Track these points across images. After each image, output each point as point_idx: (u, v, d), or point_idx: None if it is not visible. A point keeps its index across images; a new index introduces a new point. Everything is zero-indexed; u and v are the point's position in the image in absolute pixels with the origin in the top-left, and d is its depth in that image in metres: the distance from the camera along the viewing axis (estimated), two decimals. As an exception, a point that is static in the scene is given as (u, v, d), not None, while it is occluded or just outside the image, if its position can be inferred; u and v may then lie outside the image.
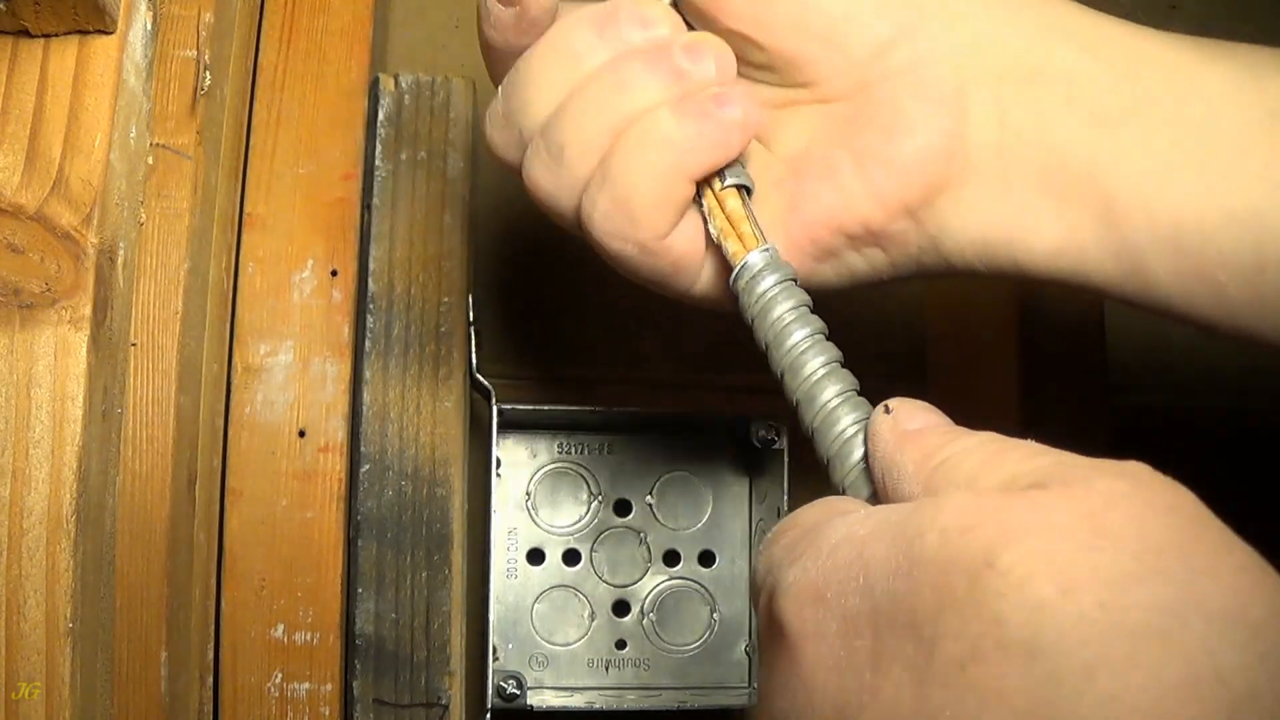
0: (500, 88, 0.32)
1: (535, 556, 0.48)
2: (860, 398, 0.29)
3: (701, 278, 0.32)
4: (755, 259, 0.30)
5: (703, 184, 0.30)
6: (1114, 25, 0.31)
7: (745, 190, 0.30)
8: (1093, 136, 0.30)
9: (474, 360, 0.44)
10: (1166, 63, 0.30)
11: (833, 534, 0.24)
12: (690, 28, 0.31)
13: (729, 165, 0.30)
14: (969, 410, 0.54)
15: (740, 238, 0.30)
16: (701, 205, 0.30)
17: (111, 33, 0.34)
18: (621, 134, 0.29)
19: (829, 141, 0.31)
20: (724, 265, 0.31)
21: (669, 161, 0.29)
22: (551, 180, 0.30)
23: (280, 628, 0.40)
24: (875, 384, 0.59)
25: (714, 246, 0.31)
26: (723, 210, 0.30)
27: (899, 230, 0.31)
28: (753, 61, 0.31)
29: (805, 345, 0.29)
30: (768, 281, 0.29)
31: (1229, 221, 0.29)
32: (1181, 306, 0.30)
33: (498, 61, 0.32)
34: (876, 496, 0.27)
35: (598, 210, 0.30)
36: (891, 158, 0.30)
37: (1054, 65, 0.30)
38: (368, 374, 0.43)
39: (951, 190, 0.30)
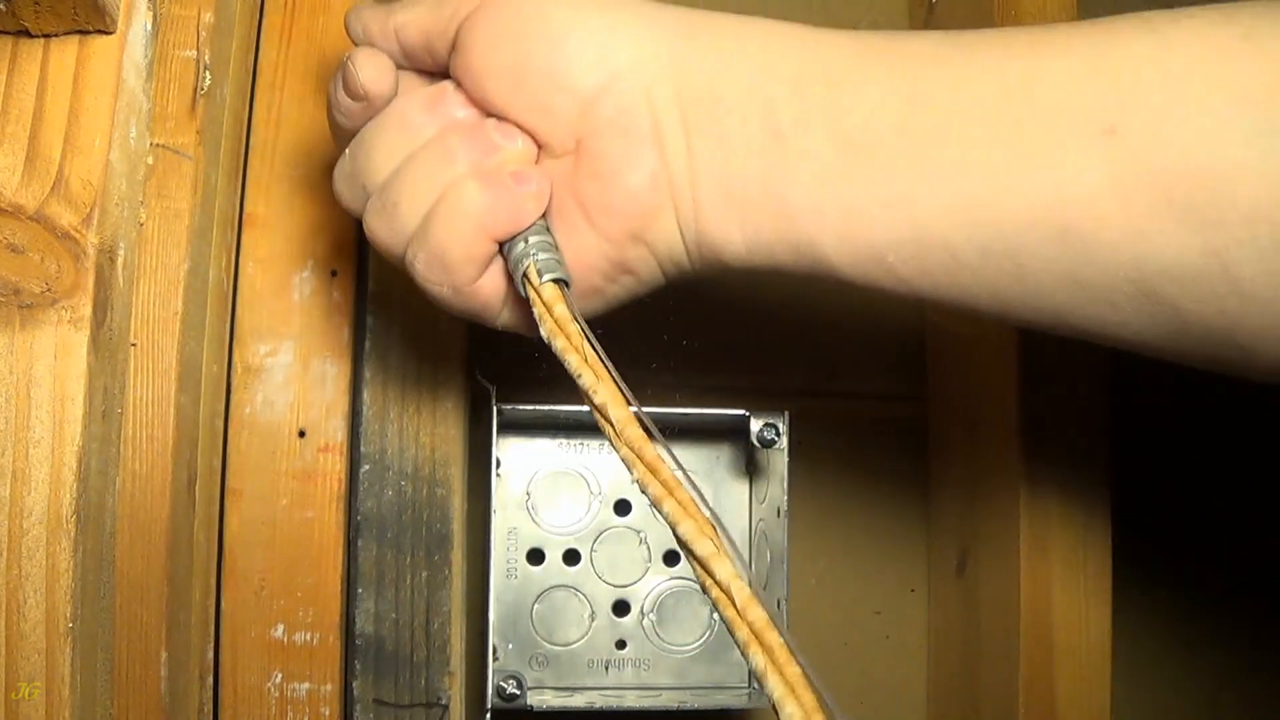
0: (348, 150, 0.37)
1: (535, 556, 0.48)
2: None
3: (503, 315, 0.37)
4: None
5: (526, 282, 0.34)
6: (791, 41, 0.34)
7: (563, 283, 0.34)
8: (764, 150, 0.33)
9: (474, 360, 0.44)
10: (830, 74, 0.33)
11: None
12: None
13: (550, 263, 0.34)
14: (969, 410, 0.54)
15: (568, 336, 0.33)
16: (527, 296, 0.34)
17: (111, 33, 0.34)
18: (440, 198, 0.34)
19: (564, 195, 0.36)
20: (520, 305, 0.36)
21: (473, 225, 0.34)
22: (386, 231, 0.35)
23: (280, 628, 0.40)
24: (875, 383, 0.59)
25: (513, 291, 0.36)
26: (551, 315, 0.33)
27: (635, 255, 0.36)
28: None
29: None
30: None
31: (889, 209, 0.32)
32: (862, 284, 0.34)
33: (341, 136, 0.37)
34: None
35: (419, 260, 0.35)
36: (609, 203, 0.35)
37: (731, 92, 0.34)
38: (368, 374, 0.43)
39: (662, 214, 0.35)
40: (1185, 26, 0.30)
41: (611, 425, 0.31)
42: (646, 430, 0.31)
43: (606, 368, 0.32)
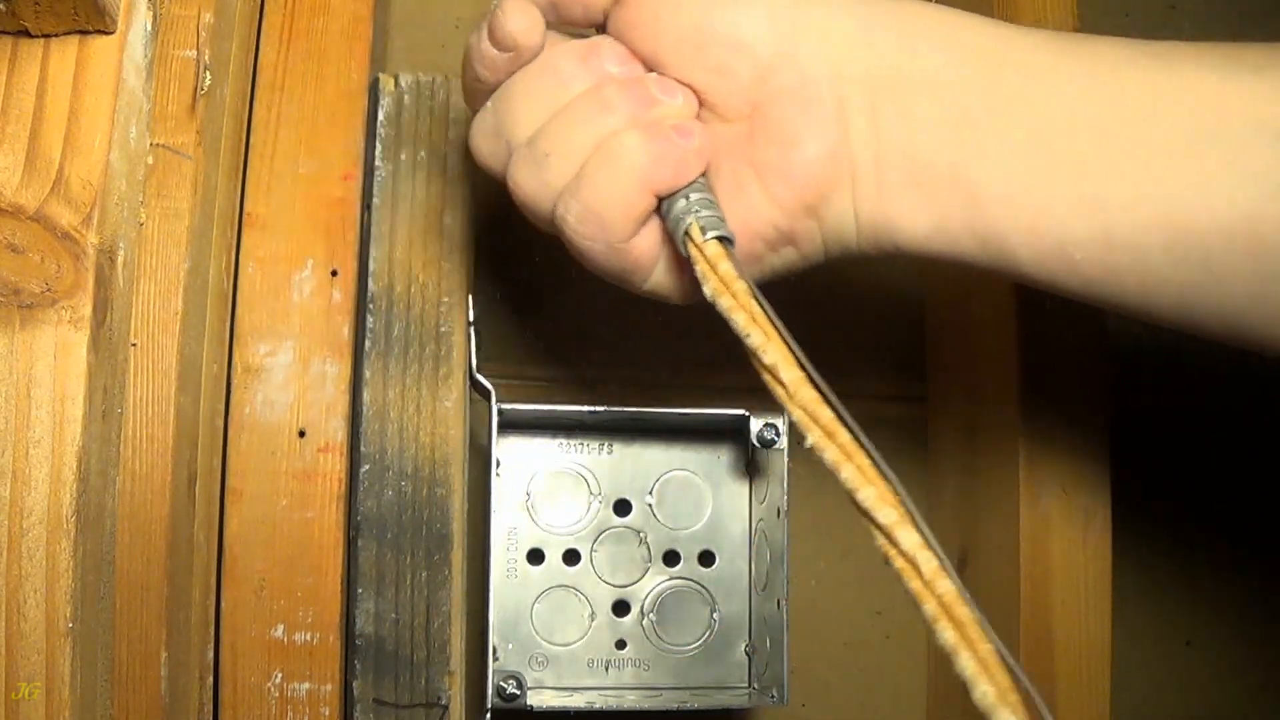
0: (489, 103, 0.36)
1: (535, 556, 0.48)
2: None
3: (654, 276, 0.36)
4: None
5: (688, 239, 0.33)
6: (977, 28, 0.34)
7: (727, 241, 0.33)
8: (956, 136, 0.33)
9: (474, 360, 0.44)
10: (1025, 64, 0.33)
11: None
12: None
13: (713, 220, 0.33)
14: (969, 409, 0.54)
15: (734, 295, 0.32)
16: (691, 261, 0.33)
17: (111, 33, 0.34)
18: (597, 149, 0.34)
19: (734, 159, 0.35)
20: (676, 265, 0.36)
21: (635, 178, 0.33)
22: (534, 185, 0.35)
23: (280, 628, 0.40)
24: (875, 383, 0.59)
25: (668, 249, 0.35)
26: (715, 273, 0.32)
27: (804, 228, 0.35)
28: None
29: None
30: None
31: (1080, 206, 0.32)
32: (1044, 281, 0.34)
33: (479, 93, 0.37)
34: None
35: (572, 213, 0.34)
36: (786, 170, 0.34)
37: (920, 73, 0.34)
38: (368, 374, 0.43)
39: (840, 189, 0.35)
40: None
41: (784, 387, 0.29)
42: (820, 393, 0.29)
43: (776, 327, 0.31)
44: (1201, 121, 0.32)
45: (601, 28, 0.37)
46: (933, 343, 0.58)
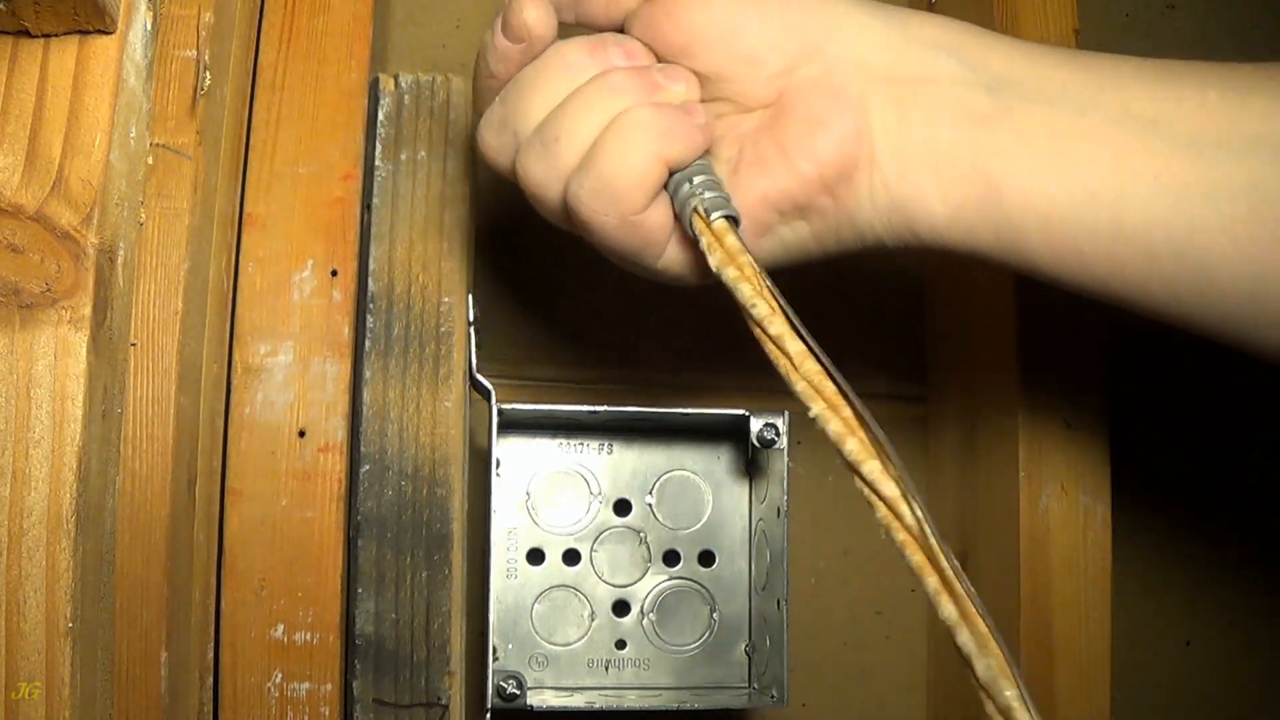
0: (499, 97, 0.37)
1: (535, 556, 0.48)
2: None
3: (667, 253, 0.37)
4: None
5: (695, 216, 0.34)
6: (992, 46, 0.37)
7: (733, 220, 0.34)
8: (974, 132, 0.35)
9: (474, 360, 0.44)
10: (1041, 70, 0.36)
11: None
12: None
13: (718, 200, 0.34)
14: (969, 408, 0.54)
15: (740, 267, 0.32)
16: (698, 238, 0.34)
17: (111, 33, 0.34)
18: (608, 127, 0.35)
19: (757, 138, 0.37)
20: (688, 246, 0.37)
21: (648, 147, 0.35)
22: (543, 170, 0.36)
23: (280, 628, 0.40)
24: (875, 384, 0.59)
25: (679, 230, 0.36)
26: (722, 245, 0.33)
27: (820, 205, 0.37)
28: None
29: None
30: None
31: (1091, 201, 0.34)
32: (1054, 273, 0.36)
33: (489, 90, 0.38)
34: None
35: (584, 190, 0.35)
36: (811, 147, 0.36)
37: (940, 75, 0.36)
38: (368, 374, 0.43)
39: (860, 171, 0.36)
40: None
41: (788, 358, 0.30)
42: (824, 367, 0.30)
43: (779, 301, 0.32)
44: (1206, 134, 0.34)
45: (620, 29, 0.38)
46: (933, 343, 0.58)
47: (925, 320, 0.59)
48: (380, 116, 0.46)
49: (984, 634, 0.26)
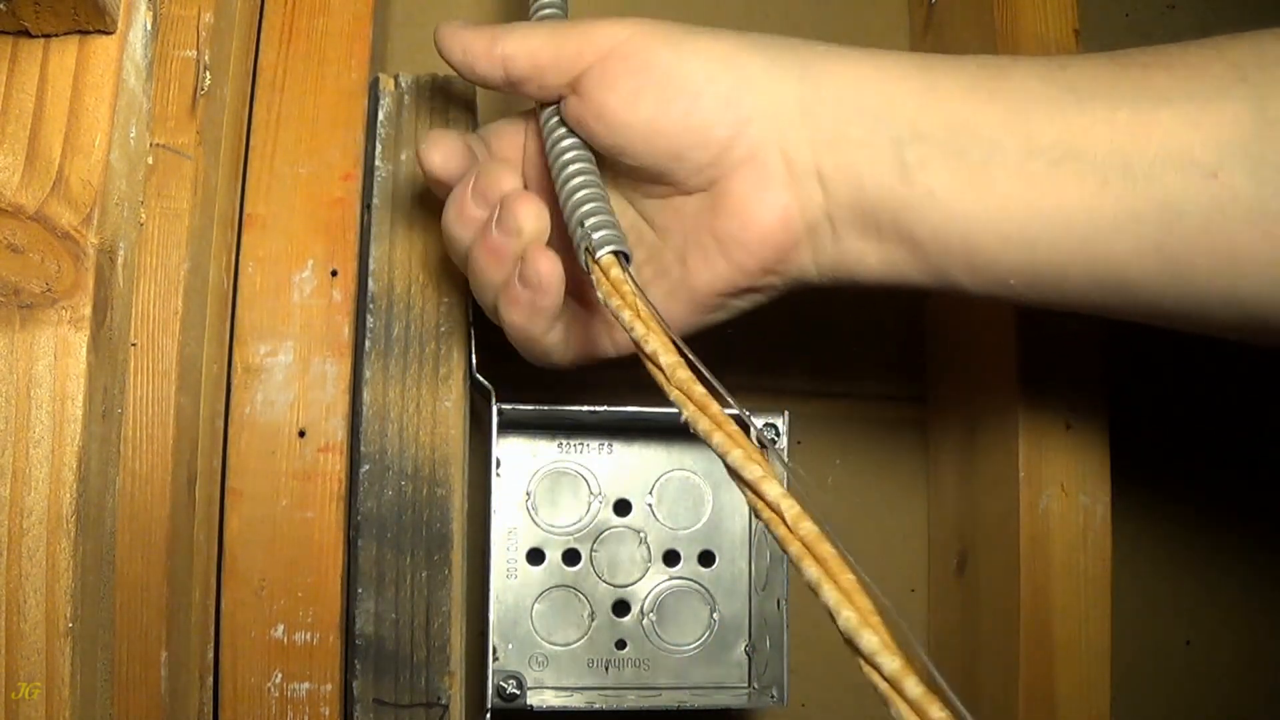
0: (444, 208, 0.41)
1: (535, 556, 0.48)
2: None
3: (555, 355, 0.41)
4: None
5: (586, 256, 0.36)
6: (904, 81, 0.37)
7: (621, 255, 0.35)
8: (893, 187, 0.36)
9: (474, 360, 0.44)
10: (948, 115, 0.36)
11: None
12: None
13: (608, 238, 0.36)
14: (969, 409, 0.54)
15: (622, 296, 0.34)
16: (587, 269, 0.36)
17: (111, 33, 0.34)
18: (496, 295, 0.39)
19: (698, 228, 0.39)
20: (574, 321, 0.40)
21: (521, 324, 0.39)
22: (474, 287, 0.41)
23: (280, 628, 0.40)
24: (874, 385, 0.59)
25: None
26: (607, 278, 0.35)
27: (767, 282, 0.39)
28: (626, 169, 0.39)
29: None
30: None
31: (1004, 244, 0.36)
32: (988, 299, 0.39)
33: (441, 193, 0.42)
34: None
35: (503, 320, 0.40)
36: (746, 241, 0.38)
37: (856, 133, 0.37)
38: (368, 374, 0.43)
39: (798, 249, 0.38)
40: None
41: (662, 371, 0.33)
42: (694, 370, 0.32)
43: (658, 319, 0.34)
44: (1112, 158, 0.34)
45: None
46: (933, 343, 0.58)
47: (925, 321, 0.59)
48: (380, 116, 0.46)
49: (848, 588, 0.28)
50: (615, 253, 0.35)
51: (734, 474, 0.30)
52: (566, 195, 0.37)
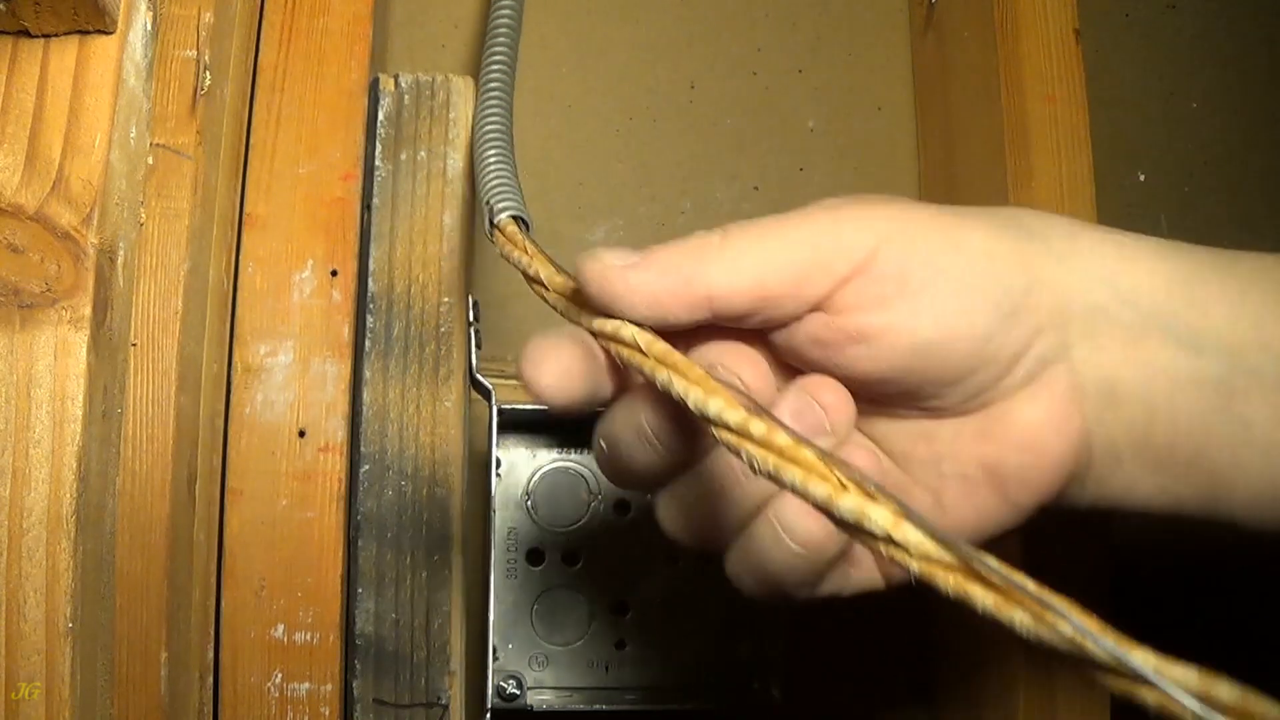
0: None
1: (535, 556, 0.48)
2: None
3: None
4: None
5: (494, 230, 0.36)
6: (1200, 283, 0.30)
7: (521, 221, 0.36)
8: (1204, 413, 0.30)
9: (474, 360, 0.44)
10: (1266, 332, 0.30)
11: None
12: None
13: (504, 203, 0.37)
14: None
15: (530, 255, 0.34)
16: (492, 238, 0.36)
17: (111, 33, 0.34)
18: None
19: (960, 459, 0.31)
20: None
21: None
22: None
23: (280, 628, 0.40)
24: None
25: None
26: (512, 243, 0.35)
27: (1029, 517, 0.32)
28: (862, 390, 0.31)
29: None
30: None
31: None
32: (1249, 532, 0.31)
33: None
34: None
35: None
36: (1030, 475, 0.30)
37: (1154, 345, 0.30)
38: (368, 374, 0.43)
39: (1074, 484, 0.31)
40: None
41: (572, 304, 0.31)
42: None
43: (554, 264, 0.33)
44: None
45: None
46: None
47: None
48: (380, 116, 0.46)
49: (847, 480, 0.24)
50: (515, 218, 0.36)
51: (680, 400, 0.26)
52: (481, 176, 0.39)
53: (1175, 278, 0.30)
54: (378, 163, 0.45)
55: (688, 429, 0.30)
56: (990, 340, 0.29)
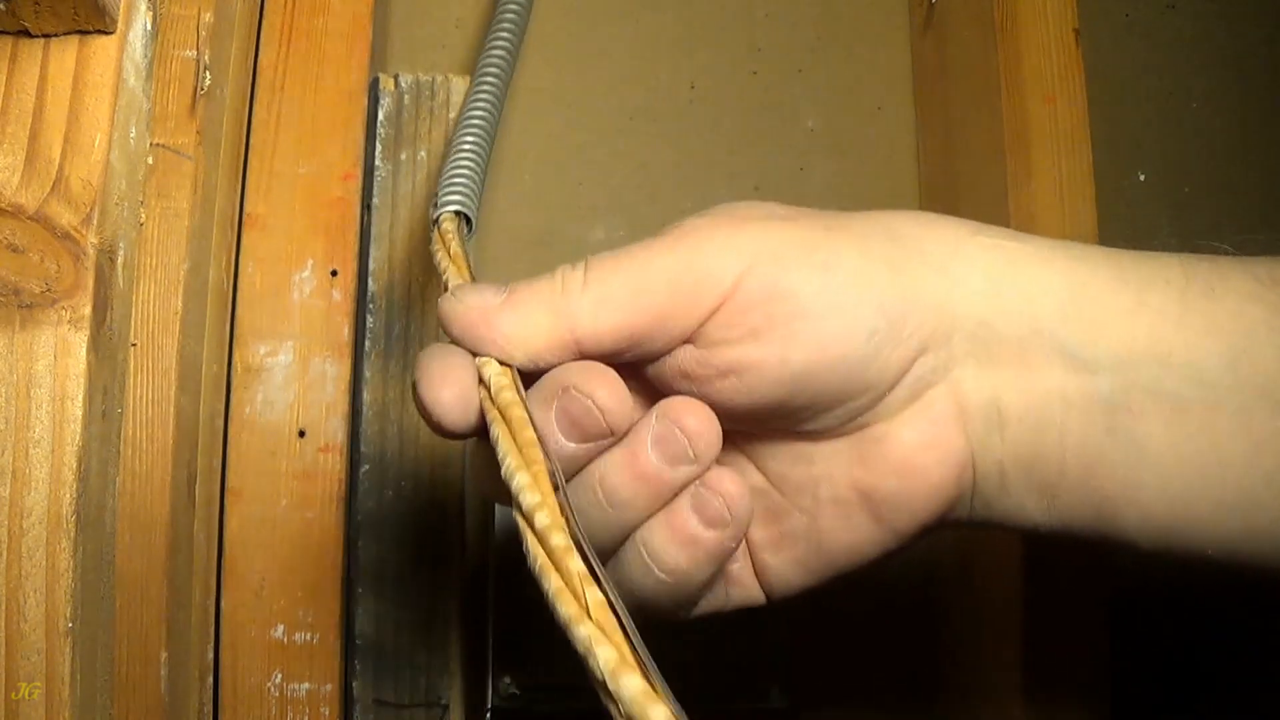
0: None
1: (535, 556, 0.48)
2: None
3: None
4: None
5: (435, 227, 0.34)
6: (1097, 294, 0.29)
7: (465, 218, 0.35)
8: (1095, 434, 0.29)
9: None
10: (1160, 344, 0.28)
11: None
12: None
13: (451, 197, 0.35)
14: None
15: (453, 259, 0.32)
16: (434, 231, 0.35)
17: (111, 33, 0.34)
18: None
19: (835, 483, 0.30)
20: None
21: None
22: None
23: (280, 628, 0.40)
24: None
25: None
26: (446, 249, 0.33)
27: (913, 542, 0.31)
28: (742, 418, 0.30)
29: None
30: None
31: (1217, 509, 0.28)
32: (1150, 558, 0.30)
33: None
34: None
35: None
36: (905, 501, 0.30)
37: (1039, 364, 0.29)
38: (368, 374, 0.43)
39: (958, 505, 0.30)
40: None
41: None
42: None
43: (469, 264, 0.32)
44: None
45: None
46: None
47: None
48: (380, 116, 0.46)
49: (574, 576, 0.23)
50: (456, 213, 0.35)
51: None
52: (445, 165, 0.38)
53: (1066, 288, 0.29)
54: (378, 163, 0.45)
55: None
56: (866, 365, 0.28)
